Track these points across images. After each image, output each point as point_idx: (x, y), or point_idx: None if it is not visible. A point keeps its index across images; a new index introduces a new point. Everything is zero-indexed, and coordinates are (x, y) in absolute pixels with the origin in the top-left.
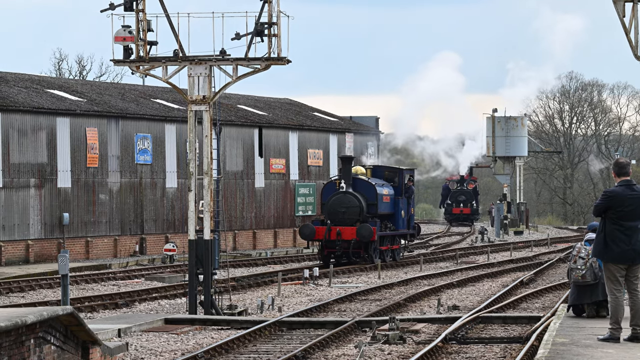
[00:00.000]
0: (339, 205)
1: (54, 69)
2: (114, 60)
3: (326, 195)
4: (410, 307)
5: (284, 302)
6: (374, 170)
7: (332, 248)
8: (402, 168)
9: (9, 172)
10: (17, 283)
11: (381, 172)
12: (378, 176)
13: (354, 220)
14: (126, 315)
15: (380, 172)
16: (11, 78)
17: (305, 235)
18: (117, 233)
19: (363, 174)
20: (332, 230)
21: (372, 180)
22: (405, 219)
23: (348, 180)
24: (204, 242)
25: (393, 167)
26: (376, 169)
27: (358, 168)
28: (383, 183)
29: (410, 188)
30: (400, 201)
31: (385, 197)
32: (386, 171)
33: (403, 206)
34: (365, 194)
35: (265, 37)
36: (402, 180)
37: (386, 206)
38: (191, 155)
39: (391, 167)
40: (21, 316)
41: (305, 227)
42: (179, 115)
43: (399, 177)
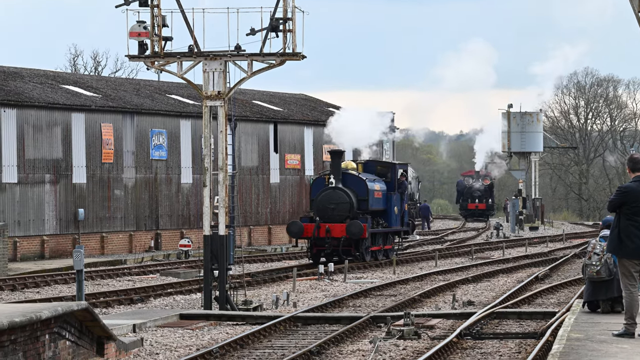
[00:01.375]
0: (328, 201)
1: (69, 64)
2: (129, 55)
3: (315, 191)
4: (425, 302)
5: (299, 297)
6: (366, 165)
7: (322, 246)
8: (394, 163)
9: (24, 168)
10: (32, 278)
11: (373, 167)
12: (370, 171)
13: (343, 217)
14: (141, 311)
15: (372, 167)
16: (26, 74)
17: (293, 232)
18: (132, 229)
19: (354, 169)
20: (321, 228)
21: (363, 175)
22: (398, 215)
23: (337, 175)
24: (219, 237)
25: (385, 161)
26: (368, 164)
27: (348, 163)
28: (375, 178)
29: (404, 183)
30: (393, 197)
31: (377, 193)
32: (378, 166)
33: (396, 202)
34: (356, 189)
35: (280, 33)
36: (394, 175)
37: (378, 202)
38: (206, 151)
39: (383, 162)
40: (36, 311)
41: (293, 225)
42: (194, 111)
43: (392, 172)
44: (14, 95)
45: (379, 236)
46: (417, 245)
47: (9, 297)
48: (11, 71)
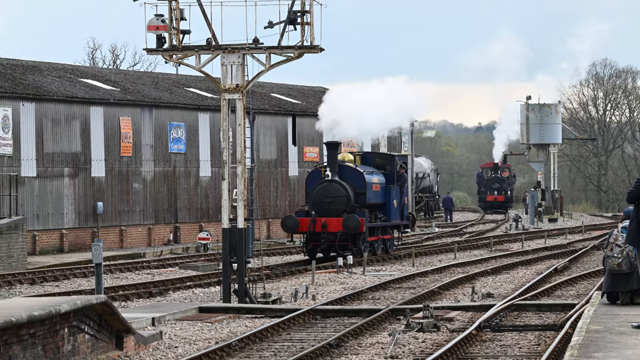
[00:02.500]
0: (324, 194)
1: (88, 58)
2: (147, 49)
3: (311, 184)
4: (444, 294)
5: (317, 290)
6: (364, 157)
7: (318, 241)
8: (393, 154)
9: (43, 162)
10: (52, 272)
11: (371, 159)
12: (368, 163)
13: (340, 210)
14: (160, 304)
15: (370, 159)
16: (45, 67)
17: (288, 227)
18: (151, 222)
19: (351, 161)
20: (316, 222)
21: (361, 167)
22: (397, 209)
23: (334, 167)
24: (238, 230)
25: (384, 153)
26: (366, 156)
27: (346, 154)
28: (373, 170)
29: (403, 175)
30: (392, 190)
31: (375, 186)
32: (377, 158)
33: (395, 195)
34: (353, 182)
35: (298, 26)
36: (394, 167)
37: (376, 195)
38: (225, 144)
39: (382, 154)
40: (55, 305)
41: (288, 219)
42: (213, 104)
43: (391, 164)
44: (33, 89)
45: (377, 230)
46: (436, 238)
47: (28, 290)
48: (30, 65)
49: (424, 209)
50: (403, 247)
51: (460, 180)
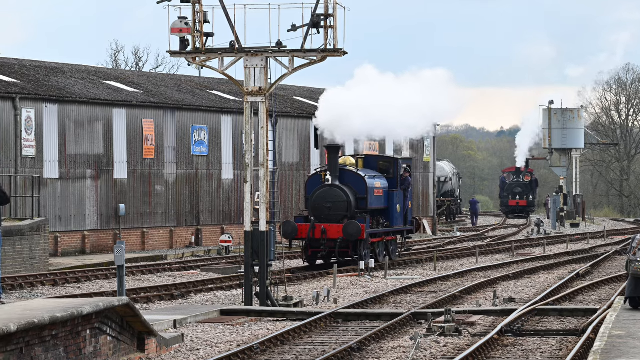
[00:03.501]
0: (323, 200)
1: (111, 60)
2: (170, 51)
3: (310, 189)
4: (466, 299)
5: (339, 293)
6: (366, 160)
7: (317, 247)
8: (397, 158)
9: (65, 163)
10: (74, 274)
11: (374, 162)
12: (371, 167)
13: (340, 216)
14: (182, 306)
15: (372, 163)
16: (68, 69)
17: (287, 233)
18: (173, 224)
19: (352, 164)
20: (316, 228)
21: (362, 171)
22: (401, 214)
23: (334, 172)
24: (260, 233)
25: (387, 156)
26: (368, 159)
27: (347, 158)
28: (375, 175)
29: (407, 180)
30: (395, 194)
31: (377, 191)
32: (380, 161)
33: (398, 200)
34: (354, 187)
35: (322, 29)
36: (397, 171)
37: (378, 200)
38: (247, 147)
39: (385, 157)
40: (77, 307)
41: (287, 225)
42: (235, 107)
43: (394, 168)
44: (56, 90)
45: (380, 237)
46: (457, 242)
47: (50, 292)
48: (53, 67)
49: (445, 213)
50: (408, 252)
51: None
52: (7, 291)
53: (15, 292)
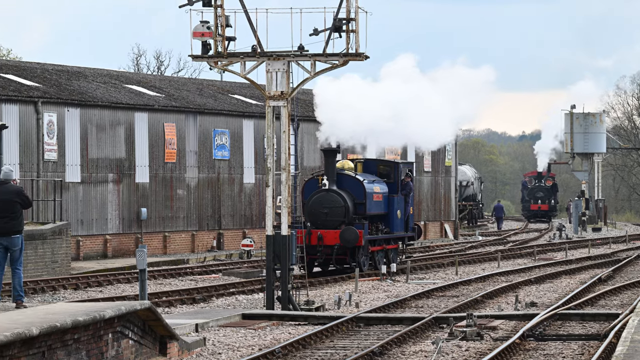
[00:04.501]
0: (320, 205)
1: (132, 64)
2: (192, 55)
3: (307, 194)
4: (487, 303)
5: (361, 297)
6: (366, 164)
7: (314, 254)
8: (397, 162)
9: (87, 167)
10: (95, 277)
11: (374, 166)
12: (370, 171)
13: (338, 222)
14: (204, 311)
15: (372, 167)
16: (90, 73)
17: None
18: (195, 228)
19: (351, 168)
20: (312, 234)
21: (361, 176)
22: (401, 220)
23: (332, 176)
24: (282, 237)
25: (387, 160)
26: (368, 163)
27: (345, 162)
28: (374, 179)
29: (408, 184)
30: (396, 200)
31: (376, 196)
32: (380, 165)
33: (399, 205)
34: (352, 191)
35: (344, 33)
36: (398, 175)
37: (377, 205)
38: (269, 151)
39: (385, 161)
40: (99, 311)
41: None
42: (257, 111)
43: (395, 173)
44: (78, 94)
45: (379, 243)
46: (479, 246)
47: (72, 296)
48: (75, 71)
49: (467, 217)
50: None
51: (503, 189)
52: (29, 295)
53: (38, 296)
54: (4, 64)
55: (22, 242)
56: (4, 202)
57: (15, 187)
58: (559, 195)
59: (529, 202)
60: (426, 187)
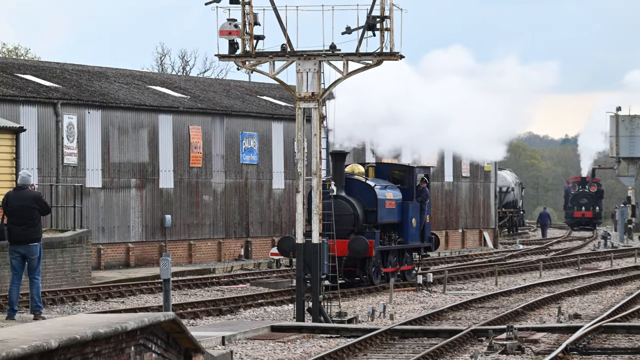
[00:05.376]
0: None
1: (156, 64)
2: (218, 55)
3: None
4: (528, 315)
5: (395, 309)
6: (378, 169)
7: None
8: (412, 166)
9: (109, 172)
10: (117, 288)
11: (386, 171)
12: (383, 176)
13: (346, 231)
14: (230, 322)
15: (385, 172)
16: (111, 74)
17: (284, 250)
18: (222, 236)
19: (361, 173)
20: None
21: (372, 181)
22: (417, 229)
23: (340, 181)
24: (313, 246)
25: (401, 165)
26: (380, 168)
27: (355, 166)
28: (387, 185)
29: (424, 190)
30: (411, 207)
31: (389, 203)
32: (393, 170)
33: (414, 213)
34: (362, 198)
35: (378, 32)
36: (413, 181)
37: (390, 213)
38: (299, 155)
39: (400, 165)
40: (121, 322)
41: (285, 241)
42: (287, 113)
43: (410, 178)
44: (99, 96)
45: (392, 254)
46: (520, 255)
47: (92, 307)
48: (96, 71)
49: (507, 224)
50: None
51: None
52: (48, 306)
53: (56, 307)
54: (22, 64)
55: (41, 250)
56: (22, 208)
57: (33, 192)
58: (603, 202)
59: (572, 209)
60: (464, 193)
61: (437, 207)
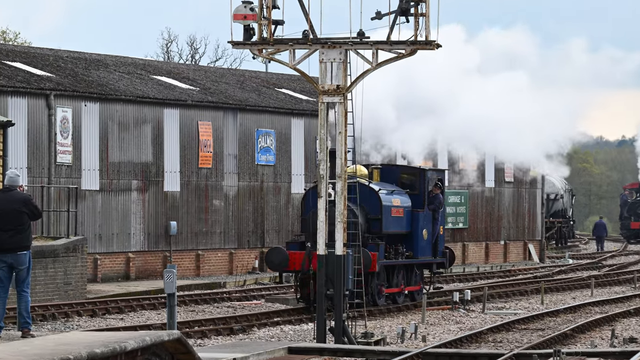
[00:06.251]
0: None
1: (162, 51)
2: (232, 42)
3: (308, 207)
4: (578, 338)
5: (428, 330)
6: (384, 172)
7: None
8: (424, 168)
9: (107, 173)
10: (116, 303)
11: (394, 174)
12: (390, 180)
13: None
14: (243, 343)
15: (392, 175)
16: (111, 62)
17: (274, 264)
18: (233, 246)
19: (364, 176)
20: (313, 258)
21: (376, 185)
22: (428, 242)
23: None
24: (336, 257)
25: (412, 167)
26: (387, 170)
27: (358, 168)
28: (394, 189)
29: (437, 197)
30: (421, 216)
31: (396, 210)
32: (402, 173)
33: (425, 223)
34: (365, 204)
35: (411, 17)
36: (424, 186)
37: (397, 223)
38: (322, 155)
39: (409, 167)
40: (120, 341)
41: (274, 253)
42: (308, 108)
43: (421, 182)
44: (97, 86)
45: (399, 270)
46: (569, 271)
47: (88, 324)
48: (94, 59)
49: (555, 236)
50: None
51: (599, 203)
52: (38, 322)
53: (48, 324)
54: (10, 50)
55: (30, 260)
56: (9, 212)
57: (22, 195)
58: None
59: (628, 220)
60: (507, 201)
61: (477, 215)
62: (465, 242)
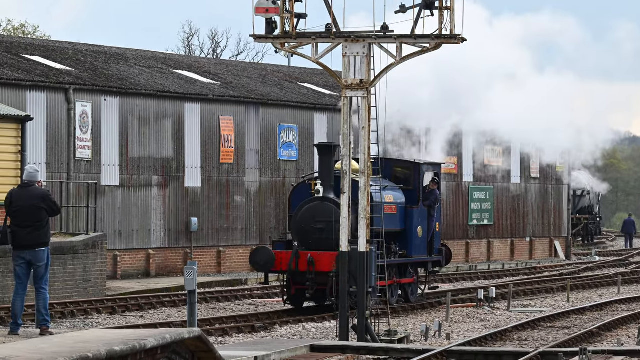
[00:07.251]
0: (312, 218)
1: (183, 45)
2: (254, 35)
3: (295, 204)
4: (605, 336)
5: (453, 328)
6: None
7: (303, 284)
8: (419, 162)
9: (127, 168)
10: (136, 300)
11: (387, 168)
12: (383, 175)
13: (335, 241)
14: (264, 341)
15: (386, 169)
16: (132, 56)
17: (259, 264)
18: (255, 242)
19: (355, 171)
20: (301, 257)
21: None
22: (423, 240)
23: (328, 180)
24: (359, 254)
25: (405, 161)
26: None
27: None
28: (386, 185)
29: (433, 193)
30: (416, 212)
31: (389, 207)
32: (396, 167)
33: (420, 220)
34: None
35: (436, 11)
36: (419, 181)
37: (390, 220)
38: (345, 151)
39: (403, 161)
40: (140, 339)
41: (259, 253)
42: (331, 103)
43: (415, 177)
44: (117, 81)
45: (392, 271)
46: (596, 268)
47: (107, 321)
48: (114, 52)
49: (582, 233)
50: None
51: (626, 200)
52: (57, 320)
53: (66, 321)
54: (29, 44)
55: (49, 256)
56: (28, 208)
57: (40, 190)
58: None
59: None
60: (533, 197)
61: (502, 212)
62: (490, 238)
